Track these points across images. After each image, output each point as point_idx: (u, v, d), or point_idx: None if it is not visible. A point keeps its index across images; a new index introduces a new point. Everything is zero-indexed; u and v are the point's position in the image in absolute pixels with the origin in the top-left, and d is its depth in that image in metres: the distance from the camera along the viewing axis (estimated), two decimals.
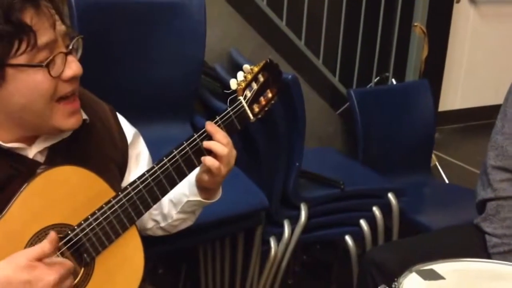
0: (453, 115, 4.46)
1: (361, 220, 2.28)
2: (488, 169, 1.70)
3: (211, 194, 1.32)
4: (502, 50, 4.25)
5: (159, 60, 2.14)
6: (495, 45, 4.31)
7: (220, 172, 1.23)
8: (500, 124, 1.71)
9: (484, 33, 4.39)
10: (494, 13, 4.43)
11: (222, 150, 1.21)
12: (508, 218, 1.66)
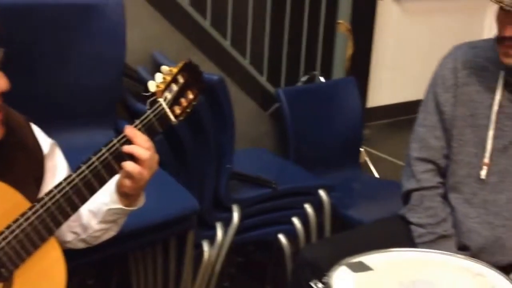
0: (381, 111, 4.56)
1: (293, 218, 2.30)
2: (411, 161, 1.75)
3: (133, 201, 1.28)
4: (426, 46, 4.38)
5: (78, 64, 2.08)
6: (419, 41, 4.43)
7: (142, 177, 1.20)
8: (421, 116, 1.75)
9: (408, 29, 4.51)
10: (417, 10, 4.56)
11: (144, 154, 1.18)
12: (431, 207, 1.70)
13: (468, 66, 1.65)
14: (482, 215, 1.65)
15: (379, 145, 4.00)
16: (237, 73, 2.65)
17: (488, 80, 1.62)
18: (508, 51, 1.51)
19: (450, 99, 1.67)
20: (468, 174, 1.66)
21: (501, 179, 1.63)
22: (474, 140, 1.65)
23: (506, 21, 1.48)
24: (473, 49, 1.68)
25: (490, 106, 1.61)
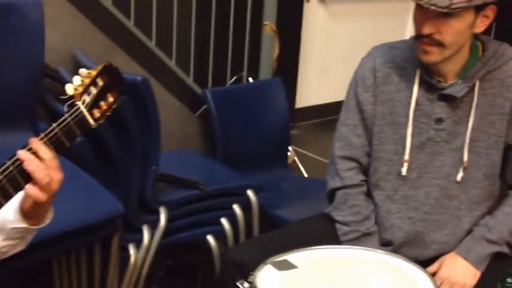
0: (310, 111, 4.62)
1: (222, 218, 2.29)
2: (335, 159, 1.77)
3: (38, 220, 1.20)
4: (352, 47, 4.48)
5: None
6: (345, 42, 4.53)
7: (41, 200, 1.13)
8: (343, 116, 1.78)
9: (334, 31, 4.59)
10: (343, 12, 4.65)
11: (42, 179, 1.10)
12: (355, 205, 1.74)
13: (386, 66, 1.69)
14: (403, 210, 1.69)
15: (308, 145, 4.06)
16: (162, 74, 2.62)
17: (405, 79, 1.66)
18: (426, 48, 1.55)
19: (370, 98, 1.70)
20: (389, 171, 1.70)
21: (420, 174, 1.67)
22: (394, 137, 1.69)
23: (423, 18, 1.52)
24: (391, 49, 1.72)
25: (408, 104, 1.66)
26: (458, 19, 1.50)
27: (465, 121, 1.63)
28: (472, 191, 1.67)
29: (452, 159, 1.65)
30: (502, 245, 1.66)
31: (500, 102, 1.62)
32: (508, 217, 1.67)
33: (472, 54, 1.62)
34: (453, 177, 1.65)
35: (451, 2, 1.44)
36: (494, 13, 1.55)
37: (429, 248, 1.69)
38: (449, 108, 1.63)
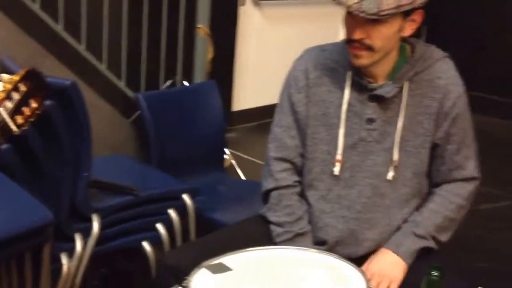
0: (247, 114, 4.64)
1: (157, 224, 2.26)
2: (269, 161, 1.78)
3: None
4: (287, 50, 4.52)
5: None
6: (280, 45, 4.56)
7: None
8: (277, 117, 1.79)
9: (269, 34, 4.63)
10: (278, 15, 4.69)
11: None
12: (289, 205, 1.75)
13: (318, 68, 1.71)
14: (337, 210, 1.71)
15: (245, 147, 4.07)
16: (93, 78, 2.56)
17: (337, 81, 1.69)
18: (356, 53, 1.58)
19: (303, 100, 1.72)
20: (322, 171, 1.72)
21: (353, 174, 1.70)
22: (326, 138, 1.71)
23: (353, 24, 1.55)
24: (323, 51, 1.74)
25: (340, 105, 1.68)
26: (387, 24, 1.53)
27: (394, 121, 1.66)
28: (402, 189, 1.70)
29: (383, 158, 1.68)
30: (429, 240, 1.70)
31: (428, 102, 1.67)
32: (433, 214, 1.72)
33: (401, 56, 1.66)
34: (384, 176, 1.68)
35: (380, 10, 1.47)
36: (422, 17, 1.59)
37: (362, 246, 1.72)
38: (380, 109, 1.66)
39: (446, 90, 1.66)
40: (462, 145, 1.71)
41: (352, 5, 1.48)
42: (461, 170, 1.73)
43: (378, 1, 1.46)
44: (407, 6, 1.51)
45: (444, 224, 1.72)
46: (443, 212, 1.72)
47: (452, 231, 1.75)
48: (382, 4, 1.46)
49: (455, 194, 1.74)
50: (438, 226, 1.71)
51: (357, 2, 1.47)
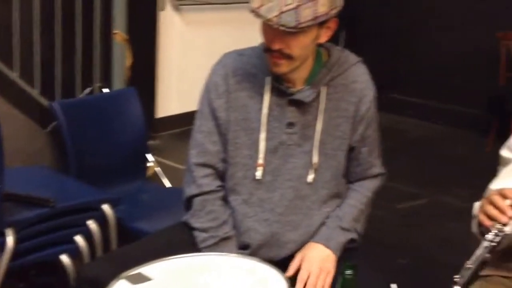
0: (171, 121, 4.58)
1: (77, 236, 2.19)
2: (191, 167, 1.76)
3: None
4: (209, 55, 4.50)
5: None
6: (202, 50, 4.54)
7: None
8: (198, 123, 1.78)
9: (191, 39, 4.60)
10: (198, 20, 4.67)
11: None
12: (213, 211, 1.74)
13: (238, 73, 1.71)
14: (259, 213, 1.72)
15: (170, 154, 4.02)
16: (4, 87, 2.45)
17: (257, 86, 1.70)
18: (276, 61, 1.60)
19: (223, 105, 1.72)
20: (244, 176, 1.72)
21: (274, 178, 1.71)
22: (248, 142, 1.71)
23: (272, 35, 1.57)
24: (241, 56, 1.75)
25: (260, 109, 1.69)
26: (305, 34, 1.56)
27: (313, 124, 1.69)
28: (321, 191, 1.74)
29: (303, 161, 1.70)
30: (353, 232, 1.76)
31: (344, 106, 1.71)
32: (351, 208, 1.78)
33: (317, 61, 1.70)
34: (305, 179, 1.71)
35: (299, 23, 1.50)
36: (336, 24, 1.63)
37: (285, 248, 1.73)
38: (299, 113, 1.68)
39: (361, 94, 1.71)
40: (374, 146, 1.79)
41: (271, 18, 1.50)
42: (373, 169, 1.82)
43: (297, 15, 1.49)
44: (324, 17, 1.54)
45: (360, 216, 1.80)
46: (358, 206, 1.79)
47: (364, 222, 1.83)
48: (300, 17, 1.49)
49: (367, 188, 1.82)
50: (356, 218, 1.78)
51: (277, 15, 1.49)
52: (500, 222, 1.42)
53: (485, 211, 1.46)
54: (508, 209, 1.42)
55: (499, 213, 1.43)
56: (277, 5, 1.49)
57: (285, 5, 1.48)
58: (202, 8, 4.63)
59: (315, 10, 1.50)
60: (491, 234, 1.42)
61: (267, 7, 1.50)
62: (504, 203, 1.43)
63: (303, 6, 1.49)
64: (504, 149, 1.72)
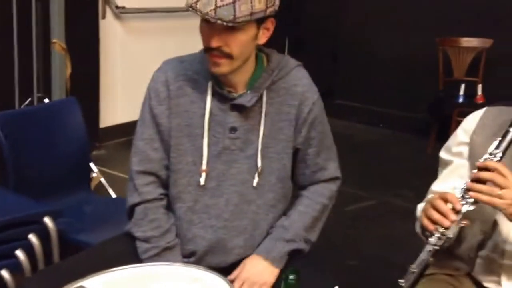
0: (116, 130, 4.52)
1: (17, 250, 2.12)
2: (133, 175, 1.74)
3: None
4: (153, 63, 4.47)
5: None
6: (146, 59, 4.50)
7: None
8: (139, 130, 1.76)
9: (134, 47, 4.56)
10: (141, 29, 4.63)
11: None
12: (155, 219, 1.71)
13: (179, 79, 1.70)
14: (205, 220, 1.71)
15: (116, 164, 3.97)
16: None
17: (198, 91, 1.69)
18: (215, 60, 1.59)
19: (165, 111, 1.70)
20: (189, 183, 1.70)
21: (219, 183, 1.70)
22: (191, 148, 1.70)
23: (211, 33, 1.56)
24: (181, 63, 1.73)
25: (203, 115, 1.68)
26: (243, 32, 1.56)
27: (256, 129, 1.69)
28: (267, 195, 1.73)
29: (248, 165, 1.70)
30: (299, 242, 1.75)
31: (286, 109, 1.71)
32: (302, 216, 1.77)
33: (258, 66, 1.70)
34: (250, 183, 1.70)
35: (235, 17, 1.49)
36: (273, 25, 1.64)
37: (232, 254, 1.72)
38: (241, 117, 1.68)
39: (303, 97, 1.72)
40: (322, 147, 1.78)
41: (208, 12, 1.49)
42: (324, 171, 1.80)
43: (233, 9, 1.49)
44: (260, 14, 1.54)
45: (312, 224, 1.78)
46: (310, 213, 1.78)
47: (319, 230, 1.82)
48: (237, 12, 1.49)
49: (319, 194, 1.80)
50: (307, 227, 1.77)
51: (213, 9, 1.49)
52: (443, 226, 1.45)
53: (428, 215, 1.49)
54: (450, 213, 1.45)
55: (441, 217, 1.45)
56: (213, 0, 1.49)
57: (220, 1, 1.49)
58: (144, 16, 4.60)
59: (251, 6, 1.51)
60: (434, 238, 1.45)
61: (203, 2, 1.50)
62: (446, 207, 1.46)
63: (239, 2, 1.49)
64: (443, 151, 1.76)
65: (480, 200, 1.45)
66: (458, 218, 1.45)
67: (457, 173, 1.63)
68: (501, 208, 1.45)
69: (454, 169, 1.68)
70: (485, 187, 1.45)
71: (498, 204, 1.44)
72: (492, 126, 1.60)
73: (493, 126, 1.59)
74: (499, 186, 1.44)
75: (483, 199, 1.45)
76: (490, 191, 1.44)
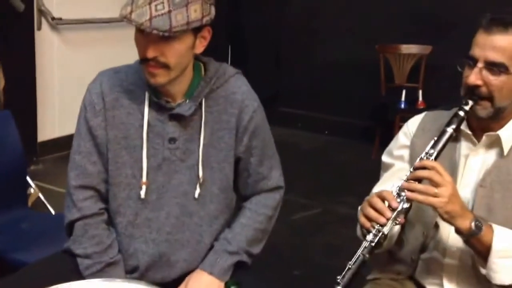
0: (55, 144, 4.41)
1: None
2: (71, 190, 1.69)
3: None
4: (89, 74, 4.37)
5: None
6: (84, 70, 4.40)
7: None
8: (76, 144, 1.71)
9: (70, 59, 4.46)
10: (78, 40, 4.54)
11: None
12: (96, 235, 1.66)
13: (115, 90, 1.66)
14: (146, 234, 1.67)
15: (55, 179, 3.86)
16: None
17: (135, 102, 1.65)
18: (152, 71, 1.56)
19: (101, 123, 1.66)
20: (128, 196, 1.66)
21: (160, 195, 1.66)
22: (130, 161, 1.66)
23: (146, 43, 1.53)
24: (117, 74, 1.70)
25: (141, 126, 1.64)
26: (179, 41, 1.53)
27: (196, 138, 1.67)
28: (210, 206, 1.70)
29: (189, 176, 1.67)
30: (241, 254, 1.72)
31: (226, 118, 1.69)
32: (244, 228, 1.75)
33: (196, 75, 1.68)
34: (191, 194, 1.67)
35: (171, 26, 1.47)
36: (210, 34, 1.62)
37: (175, 267, 1.69)
38: (181, 127, 1.65)
39: (242, 105, 1.70)
40: (264, 156, 1.76)
41: (143, 22, 1.46)
42: (267, 181, 1.78)
43: (169, 19, 1.47)
44: (196, 23, 1.52)
45: (255, 236, 1.76)
46: (252, 225, 1.76)
47: (264, 241, 1.80)
48: (172, 21, 1.47)
49: (263, 205, 1.78)
50: (250, 239, 1.74)
51: (148, 19, 1.46)
52: (379, 223, 1.46)
53: (365, 213, 1.50)
54: (386, 211, 1.47)
55: (377, 215, 1.47)
56: (148, 10, 1.46)
57: (155, 11, 1.46)
58: (81, 27, 4.52)
59: (187, 15, 1.48)
60: (370, 235, 1.46)
61: (138, 13, 1.46)
62: (382, 204, 1.48)
63: (175, 11, 1.47)
64: (385, 155, 1.79)
65: (415, 199, 1.47)
66: (393, 215, 1.46)
67: (397, 175, 1.65)
68: (436, 206, 1.47)
69: (395, 172, 1.70)
70: (421, 186, 1.48)
71: (433, 202, 1.46)
72: (431, 130, 1.63)
73: (432, 129, 1.63)
74: (436, 184, 1.47)
75: (419, 199, 1.47)
76: (426, 189, 1.47)
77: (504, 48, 1.52)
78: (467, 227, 1.48)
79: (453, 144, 1.64)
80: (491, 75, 1.54)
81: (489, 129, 1.61)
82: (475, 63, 1.55)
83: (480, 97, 1.55)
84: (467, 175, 1.64)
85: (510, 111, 1.60)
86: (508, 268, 1.51)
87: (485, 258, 1.52)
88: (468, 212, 1.51)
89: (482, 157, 1.63)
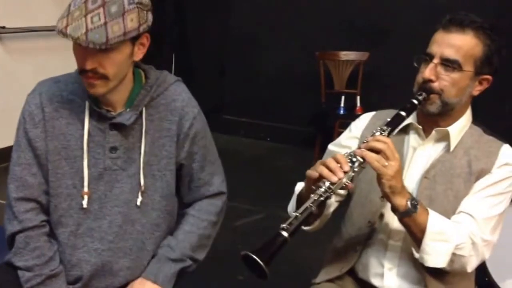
0: None
1: None
2: (11, 202, 1.67)
3: None
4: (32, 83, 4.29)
5: None
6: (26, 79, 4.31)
7: None
8: (15, 155, 1.69)
9: (13, 68, 4.37)
10: (22, 49, 4.45)
11: None
12: (37, 247, 1.66)
13: (54, 100, 1.65)
14: (89, 243, 1.67)
15: None
16: None
17: (75, 112, 1.65)
18: (91, 82, 1.56)
19: (40, 135, 1.65)
20: (70, 206, 1.66)
21: (102, 205, 1.67)
22: (70, 171, 1.65)
23: (84, 55, 1.52)
24: (56, 83, 1.69)
25: (81, 136, 1.64)
26: (117, 51, 1.53)
27: (137, 147, 1.68)
28: (152, 213, 1.72)
29: (130, 185, 1.68)
30: (185, 261, 1.75)
31: (167, 125, 1.71)
32: (187, 235, 1.78)
33: (136, 83, 1.68)
34: (133, 203, 1.69)
35: (108, 39, 1.46)
36: (149, 41, 1.62)
37: (118, 276, 1.70)
38: (122, 136, 1.66)
39: (182, 112, 1.72)
40: (206, 162, 1.79)
41: (79, 36, 1.45)
42: (208, 187, 1.81)
43: (105, 31, 1.46)
44: (133, 33, 1.52)
45: (200, 242, 1.79)
46: (196, 231, 1.78)
47: (208, 247, 1.83)
48: (109, 34, 1.46)
49: (205, 211, 1.81)
50: (194, 246, 1.77)
51: (84, 33, 1.45)
52: (330, 181, 1.49)
53: (318, 171, 1.53)
54: (339, 171, 1.50)
55: (329, 173, 1.50)
56: (83, 23, 1.45)
57: (91, 23, 1.45)
58: (25, 36, 4.43)
59: (124, 26, 1.48)
60: (321, 190, 1.49)
61: (73, 27, 1.46)
62: (336, 165, 1.51)
63: (111, 22, 1.47)
64: (331, 144, 1.87)
65: (369, 160, 1.50)
66: (344, 176, 1.50)
67: None
68: (383, 176, 1.51)
69: None
70: (374, 154, 1.51)
71: (383, 172, 1.50)
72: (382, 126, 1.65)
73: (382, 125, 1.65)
74: (386, 158, 1.51)
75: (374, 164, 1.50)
76: (379, 158, 1.51)
77: (459, 46, 1.60)
78: (403, 204, 1.54)
79: (402, 136, 1.72)
80: (444, 71, 1.62)
81: (437, 126, 1.70)
82: (431, 59, 1.63)
83: (431, 91, 1.63)
84: (414, 166, 1.71)
85: (458, 110, 1.68)
86: (440, 252, 1.57)
87: (419, 241, 1.58)
88: (406, 192, 1.56)
89: (429, 150, 1.71)
